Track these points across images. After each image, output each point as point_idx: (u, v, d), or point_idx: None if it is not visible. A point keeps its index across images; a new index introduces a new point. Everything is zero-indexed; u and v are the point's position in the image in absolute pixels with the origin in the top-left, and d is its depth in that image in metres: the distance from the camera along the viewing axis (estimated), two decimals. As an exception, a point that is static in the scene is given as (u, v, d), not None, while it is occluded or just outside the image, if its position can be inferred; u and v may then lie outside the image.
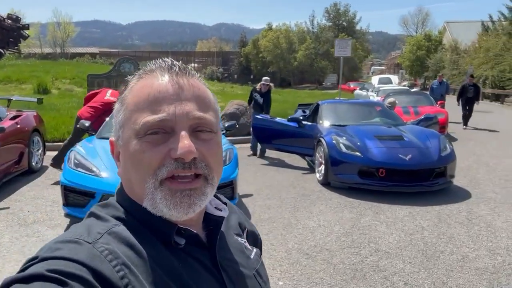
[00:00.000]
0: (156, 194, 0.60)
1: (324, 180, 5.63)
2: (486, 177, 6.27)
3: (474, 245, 3.78)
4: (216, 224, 0.70)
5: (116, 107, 0.66)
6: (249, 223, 0.86)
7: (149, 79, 0.64)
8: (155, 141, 0.60)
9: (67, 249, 0.54)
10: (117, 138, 0.66)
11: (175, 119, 0.60)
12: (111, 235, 0.59)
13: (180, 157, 0.59)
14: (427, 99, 11.80)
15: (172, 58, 0.69)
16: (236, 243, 0.74)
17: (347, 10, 52.93)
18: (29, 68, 19.27)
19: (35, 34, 55.22)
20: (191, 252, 0.64)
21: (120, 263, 0.55)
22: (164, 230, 0.62)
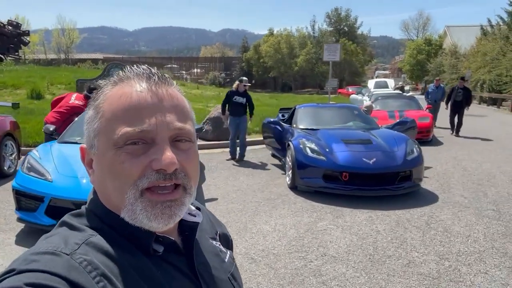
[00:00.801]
0: (136, 205, 0.59)
1: (292, 184, 5.62)
2: (460, 181, 6.21)
3: (425, 249, 3.74)
4: (190, 230, 0.70)
5: (90, 114, 0.64)
6: (221, 225, 0.87)
7: (126, 87, 0.63)
8: (135, 152, 0.59)
9: (44, 261, 0.52)
10: (90, 146, 0.64)
11: (156, 129, 0.60)
12: (89, 245, 0.58)
13: (162, 168, 0.58)
14: (415, 104, 11.75)
15: (175, 63, 0.68)
16: (211, 247, 0.75)
17: (348, 15, 53.00)
18: (26, 73, 19.46)
19: (39, 40, 56.05)
20: (169, 259, 0.65)
21: (99, 274, 0.54)
22: (142, 239, 0.62)
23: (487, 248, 3.77)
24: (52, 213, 3.74)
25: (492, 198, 5.33)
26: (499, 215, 4.68)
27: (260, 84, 51.85)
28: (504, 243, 3.87)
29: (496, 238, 4.00)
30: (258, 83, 51.89)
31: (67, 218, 0.65)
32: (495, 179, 6.39)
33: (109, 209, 0.63)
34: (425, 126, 9.87)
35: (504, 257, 3.57)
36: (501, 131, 12.21)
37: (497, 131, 12.32)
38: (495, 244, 3.86)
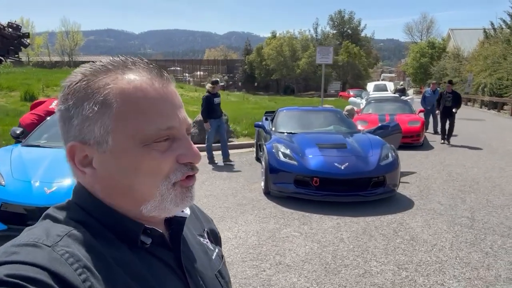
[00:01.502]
0: (167, 195, 0.62)
1: (266, 189, 5.50)
2: (440, 188, 6.06)
3: (385, 259, 3.61)
4: (178, 225, 0.70)
5: (94, 109, 0.58)
6: (209, 221, 0.87)
7: (137, 80, 0.61)
8: (163, 148, 0.61)
9: (25, 252, 0.51)
10: (94, 143, 0.60)
11: (179, 126, 0.62)
12: (71, 238, 0.57)
13: (191, 161, 0.62)
14: (408, 107, 11.59)
15: (178, 66, 0.67)
16: (198, 243, 0.75)
17: (351, 18, 52.85)
18: (23, 76, 19.53)
19: (44, 42, 56.51)
20: (156, 253, 0.64)
21: (81, 266, 0.53)
22: (131, 230, 0.62)
23: (451, 257, 3.63)
24: (4, 218, 3.67)
25: (469, 205, 5.18)
26: (472, 223, 4.53)
27: (263, 87, 51.80)
28: (470, 253, 3.73)
29: (462, 247, 3.86)
30: (261, 85, 51.85)
31: (51, 211, 0.63)
32: (478, 185, 6.23)
33: (103, 203, 0.62)
34: (415, 130, 9.71)
35: (466, 267, 3.43)
36: (497, 136, 11.99)
37: (492, 135, 12.11)
38: (460, 253, 3.72)
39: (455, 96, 10.64)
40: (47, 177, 3.84)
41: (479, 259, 3.59)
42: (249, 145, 9.56)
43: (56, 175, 3.90)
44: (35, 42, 51.61)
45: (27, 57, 46.79)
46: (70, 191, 2.55)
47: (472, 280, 3.22)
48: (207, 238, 0.80)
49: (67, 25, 56.42)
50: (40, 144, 4.69)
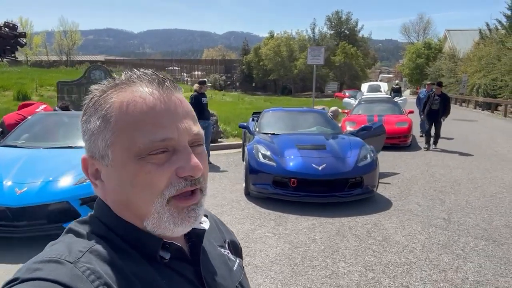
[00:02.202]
0: (163, 213, 0.59)
1: (246, 190, 5.52)
2: (422, 189, 6.08)
3: (354, 260, 3.62)
4: (197, 237, 0.68)
5: (97, 124, 0.60)
6: (230, 233, 0.86)
7: (137, 92, 0.60)
8: (160, 161, 0.58)
9: (47, 269, 0.52)
10: (99, 156, 0.61)
11: (178, 137, 0.59)
12: (93, 254, 0.57)
13: (190, 175, 0.59)
14: (398, 108, 11.60)
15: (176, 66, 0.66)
16: (219, 255, 0.74)
17: (349, 18, 52.89)
18: (17, 75, 19.51)
19: (42, 42, 56.42)
20: (175, 267, 0.63)
21: (102, 283, 0.53)
22: (149, 245, 0.61)
23: (421, 259, 3.64)
24: (-25, 218, 3.67)
25: (447, 207, 5.20)
26: (447, 224, 4.55)
27: (261, 87, 51.80)
28: (440, 255, 3.74)
29: (434, 249, 3.87)
30: (259, 86, 51.85)
31: (74, 225, 0.64)
32: (460, 186, 6.25)
33: (121, 218, 0.62)
34: (403, 131, 9.73)
35: (434, 269, 3.45)
36: (487, 137, 12.02)
37: (482, 136, 12.13)
38: (430, 255, 3.73)
39: (444, 99, 9.65)
40: (19, 178, 3.85)
41: (449, 261, 3.60)
42: (238, 146, 9.57)
43: (28, 175, 3.91)
44: (33, 41, 51.58)
45: (25, 56, 46.73)
46: (40, 192, 2.59)
47: (438, 282, 3.23)
48: (228, 249, 0.80)
49: (65, 25, 56.30)
50: (18, 145, 4.70)
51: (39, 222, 3.71)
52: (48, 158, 4.35)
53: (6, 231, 3.62)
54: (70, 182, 3.90)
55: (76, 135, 5.14)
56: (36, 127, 5.19)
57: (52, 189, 3.79)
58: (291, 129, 6.51)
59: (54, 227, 3.72)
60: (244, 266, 0.84)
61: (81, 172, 4.02)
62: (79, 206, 3.81)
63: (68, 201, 3.78)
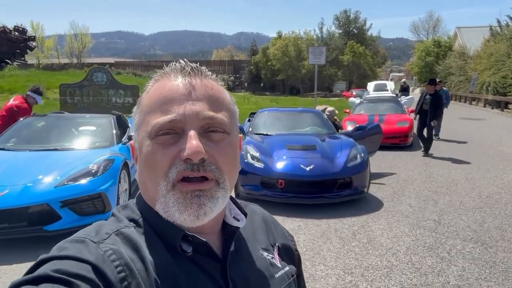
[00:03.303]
0: (168, 198, 0.59)
1: (236, 191, 5.47)
2: (416, 189, 5.95)
3: (334, 262, 3.55)
4: (230, 235, 0.67)
5: (134, 110, 0.67)
6: (285, 237, 0.83)
7: (163, 81, 0.64)
8: (165, 142, 0.59)
9: (73, 248, 0.55)
10: (134, 141, 0.66)
11: (185, 119, 0.59)
12: (119, 236, 0.59)
13: (187, 157, 0.57)
14: (400, 108, 11.42)
15: None
16: (258, 258, 0.71)
17: (357, 17, 52.46)
18: (26, 78, 19.81)
19: (53, 45, 57.30)
20: (199, 262, 0.62)
21: (122, 264, 0.55)
22: (170, 236, 0.61)
23: (403, 262, 3.55)
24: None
25: (440, 208, 5.08)
26: (437, 226, 4.44)
27: (269, 87, 51.75)
28: (424, 257, 3.64)
29: (418, 251, 3.78)
30: (267, 86, 51.81)
31: (115, 209, 0.67)
32: (456, 186, 6.11)
33: (146, 202, 0.64)
34: (403, 130, 9.57)
35: (415, 273, 3.36)
36: (492, 136, 11.75)
37: (488, 135, 11.87)
38: (413, 258, 3.64)
39: (435, 99, 8.46)
40: (2, 180, 3.86)
41: (432, 264, 3.50)
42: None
43: (11, 178, 3.93)
44: (44, 45, 52.46)
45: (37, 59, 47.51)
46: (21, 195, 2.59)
47: (417, 286, 3.15)
48: (274, 253, 0.76)
49: (76, 28, 57.05)
50: (5, 147, 4.73)
51: (20, 224, 3.72)
52: (33, 160, 4.37)
53: (-14, 233, 3.64)
54: (51, 184, 3.90)
55: (64, 138, 5.18)
56: (25, 130, 5.23)
57: (32, 191, 3.79)
58: (285, 129, 6.44)
59: (34, 229, 3.73)
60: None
61: (63, 174, 4.04)
62: (60, 208, 3.81)
63: (48, 203, 3.78)
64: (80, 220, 3.89)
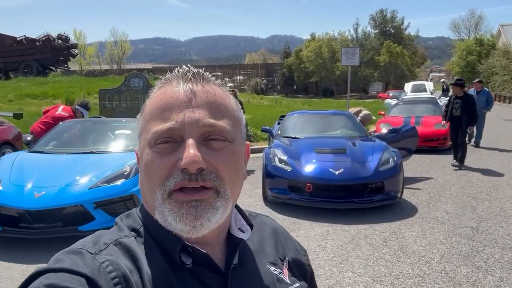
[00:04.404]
0: (164, 207, 0.58)
1: (263, 194, 5.46)
2: (454, 195, 5.69)
3: (363, 270, 3.45)
4: (233, 247, 0.66)
5: (137, 117, 0.66)
6: (296, 250, 0.79)
7: (165, 87, 0.63)
8: (164, 151, 0.58)
9: (68, 260, 0.54)
10: (138, 148, 0.66)
11: (183, 127, 0.58)
12: (117, 246, 0.58)
13: (184, 167, 0.56)
14: (438, 109, 10.96)
15: (219, 71, 0.74)
16: (266, 273, 0.68)
17: (394, 16, 51.11)
18: (68, 84, 20.82)
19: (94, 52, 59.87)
20: (199, 275, 0.60)
21: (119, 275, 0.54)
22: (169, 246, 0.60)
23: (436, 271, 3.40)
24: (0, 220, 3.92)
25: (478, 214, 4.82)
26: (474, 233, 4.21)
27: (302, 89, 51.44)
28: (459, 266, 3.46)
29: (453, 260, 3.60)
30: (300, 88, 51.51)
31: (118, 218, 0.67)
32: (497, 192, 5.78)
33: (147, 210, 0.63)
34: (442, 133, 9.19)
35: (449, 282, 3.20)
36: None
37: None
38: (448, 267, 3.47)
39: (466, 103, 7.39)
40: (40, 182, 4.06)
41: (467, 274, 3.33)
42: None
43: (49, 180, 4.12)
44: (86, 52, 54.96)
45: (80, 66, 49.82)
46: (57, 196, 2.72)
47: (451, 296, 3.00)
48: (283, 268, 0.72)
49: (116, 35, 59.26)
50: (44, 150, 4.98)
51: (56, 224, 3.89)
52: (69, 163, 4.56)
53: (25, 233, 3.84)
54: (85, 186, 4.06)
55: (100, 141, 5.38)
56: (63, 134, 5.48)
57: (67, 193, 3.96)
58: (315, 132, 6.36)
59: (69, 229, 3.89)
60: None
61: (97, 176, 4.19)
62: (93, 209, 3.96)
63: (83, 204, 3.93)
64: (112, 221, 3.96)
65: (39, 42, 26.80)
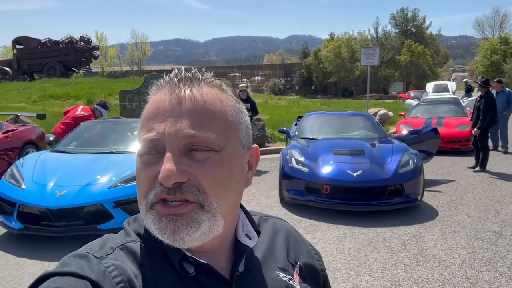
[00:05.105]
0: (147, 217, 0.57)
1: (280, 195, 5.44)
2: (476, 198, 5.53)
3: (381, 273, 3.39)
4: (239, 254, 0.64)
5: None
6: (309, 255, 0.76)
7: (156, 94, 0.60)
8: (148, 162, 0.57)
9: (75, 264, 0.55)
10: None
11: (164, 138, 0.55)
12: (123, 251, 0.58)
13: (160, 180, 0.54)
14: (461, 110, 10.70)
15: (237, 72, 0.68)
16: (273, 279, 0.66)
17: (415, 15, 50.21)
18: (90, 85, 21.27)
19: (115, 53, 60.97)
20: (204, 283, 0.59)
21: (124, 280, 0.54)
22: (169, 254, 0.59)
23: (457, 276, 3.31)
24: (22, 218, 4.04)
25: (502, 218, 4.67)
26: (497, 238, 4.08)
27: (321, 90, 51.10)
28: (481, 272, 3.36)
29: (474, 265, 3.50)
30: (319, 89, 51.19)
31: (126, 222, 0.66)
32: (523, 195, 5.59)
33: None
34: (464, 134, 8.95)
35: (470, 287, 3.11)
36: None
37: None
38: (469, 272, 3.37)
39: (486, 102, 7.09)
40: (61, 181, 4.16)
41: (489, 280, 3.23)
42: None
43: (70, 179, 4.22)
44: (108, 53, 56.10)
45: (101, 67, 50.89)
46: (77, 195, 2.80)
47: (473, 302, 2.91)
48: (293, 274, 0.69)
49: (136, 37, 60.25)
50: (66, 150, 5.09)
51: (76, 223, 3.98)
52: (90, 163, 4.66)
53: (47, 231, 3.94)
54: (105, 185, 4.14)
55: (119, 141, 5.47)
56: (84, 134, 5.60)
57: (88, 192, 4.05)
58: (333, 133, 6.30)
59: (90, 228, 3.97)
60: None
61: (116, 176, 4.26)
62: (113, 208, 4.03)
63: (102, 203, 4.01)
64: (130, 221, 4.08)
65: (62, 45, 27.52)
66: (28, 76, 26.24)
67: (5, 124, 6.87)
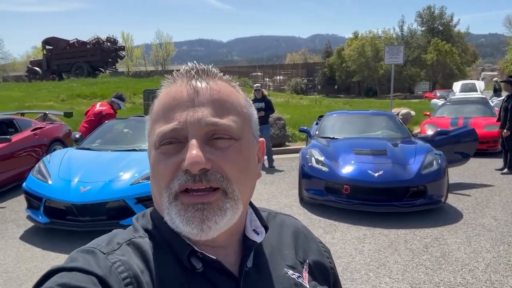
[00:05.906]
0: (171, 209, 0.57)
1: (300, 195, 5.42)
2: (503, 201, 5.35)
3: (401, 276, 3.32)
4: (247, 250, 0.64)
5: (146, 118, 0.66)
6: (319, 252, 0.75)
7: (170, 87, 0.61)
8: (168, 152, 0.57)
9: (82, 259, 0.55)
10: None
11: (186, 127, 0.56)
12: (130, 246, 0.59)
13: (186, 168, 0.54)
14: (489, 110, 10.35)
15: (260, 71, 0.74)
16: (281, 276, 0.65)
17: (442, 13, 48.84)
18: (116, 85, 21.74)
19: (141, 54, 62.08)
20: (212, 279, 0.59)
21: (131, 275, 0.54)
22: (178, 250, 0.59)
23: (481, 280, 3.21)
24: (49, 213, 4.19)
25: (531, 222, 4.50)
26: (525, 243, 3.93)
27: (344, 89, 50.47)
28: (506, 277, 3.25)
29: (499, 270, 3.38)
30: (342, 88, 50.56)
31: (135, 218, 0.67)
32: (554, 199, 5.36)
33: (158, 212, 0.62)
34: (492, 135, 8.65)
35: (495, 293, 3.01)
36: None
37: None
38: (493, 276, 3.27)
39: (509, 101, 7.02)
40: (86, 177, 4.29)
41: (515, 285, 3.11)
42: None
43: (94, 175, 4.34)
44: (133, 54, 57.24)
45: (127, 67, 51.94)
46: (101, 191, 2.92)
47: (497, 308, 2.82)
48: (302, 271, 0.69)
49: (161, 38, 61.15)
50: (91, 147, 5.24)
51: (100, 218, 4.10)
52: (113, 160, 4.77)
53: (72, 225, 4.06)
54: (127, 182, 4.23)
55: (142, 139, 5.57)
56: (108, 132, 5.75)
57: (111, 188, 4.15)
58: (354, 133, 6.22)
59: (112, 223, 4.07)
60: None
61: (138, 172, 4.35)
62: (134, 204, 4.12)
63: (124, 199, 4.10)
64: (151, 217, 4.16)
65: (89, 45, 28.22)
66: (57, 76, 27.08)
67: (34, 122, 7.12)
